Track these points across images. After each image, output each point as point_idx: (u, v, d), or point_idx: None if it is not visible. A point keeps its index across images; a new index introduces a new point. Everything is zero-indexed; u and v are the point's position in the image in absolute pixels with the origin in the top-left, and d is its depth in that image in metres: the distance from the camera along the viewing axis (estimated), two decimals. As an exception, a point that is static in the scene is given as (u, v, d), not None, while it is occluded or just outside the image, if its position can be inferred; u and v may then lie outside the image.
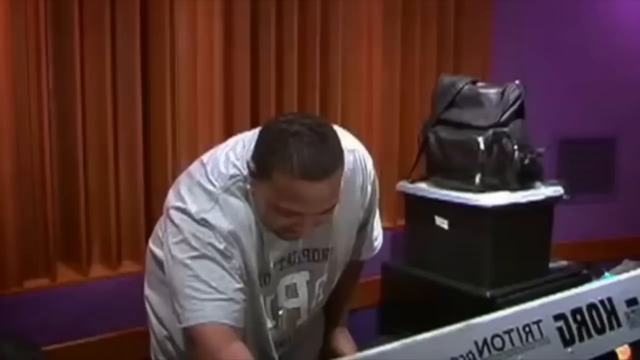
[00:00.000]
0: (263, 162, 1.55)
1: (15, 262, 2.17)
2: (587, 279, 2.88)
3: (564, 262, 2.83)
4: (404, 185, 2.86)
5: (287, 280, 1.76)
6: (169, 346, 1.86)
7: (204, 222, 1.58)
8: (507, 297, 2.55)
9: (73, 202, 2.31)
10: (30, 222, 2.21)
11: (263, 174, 1.55)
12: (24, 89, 2.15)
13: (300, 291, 1.79)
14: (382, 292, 3.00)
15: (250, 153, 1.61)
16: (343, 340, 2.04)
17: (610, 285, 1.40)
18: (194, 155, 2.42)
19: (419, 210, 2.81)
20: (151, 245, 1.89)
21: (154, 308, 1.89)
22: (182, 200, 1.63)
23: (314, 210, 1.56)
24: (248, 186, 1.62)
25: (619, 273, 3.31)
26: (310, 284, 1.80)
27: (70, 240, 2.33)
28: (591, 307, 1.34)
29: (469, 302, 2.59)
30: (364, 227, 1.93)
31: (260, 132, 1.60)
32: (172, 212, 1.63)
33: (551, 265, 2.79)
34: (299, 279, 1.78)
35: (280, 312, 1.77)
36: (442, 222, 2.69)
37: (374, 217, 1.96)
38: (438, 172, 2.74)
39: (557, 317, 1.29)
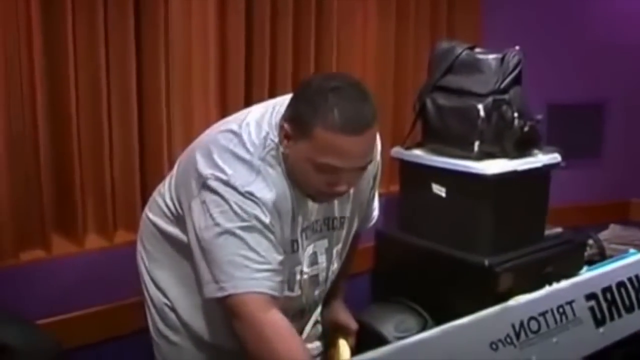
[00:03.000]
0: (303, 118, 1.55)
1: (10, 234, 2.13)
2: (583, 246, 2.91)
3: (558, 229, 2.83)
4: (399, 152, 2.83)
5: (310, 248, 1.77)
6: (171, 315, 1.83)
7: (249, 195, 1.57)
8: (505, 265, 2.55)
9: (67, 173, 2.26)
10: (24, 193, 2.15)
11: (303, 132, 1.55)
12: (15, 57, 2.08)
13: (320, 259, 1.81)
14: (375, 259, 2.99)
15: (278, 118, 1.62)
16: (342, 312, 2.06)
17: (636, 262, 1.40)
18: (188, 125, 2.42)
19: (415, 177, 2.78)
20: (150, 214, 1.86)
21: (153, 277, 1.86)
22: (221, 170, 1.60)
23: (352, 165, 1.58)
24: (282, 149, 1.61)
25: (607, 238, 3.37)
26: (328, 251, 1.82)
27: (65, 211, 2.28)
28: (620, 285, 1.34)
29: (466, 270, 2.59)
30: (369, 197, 1.94)
31: (297, 92, 1.62)
32: (213, 183, 1.59)
33: (546, 232, 2.78)
34: (320, 247, 1.80)
35: (304, 278, 1.78)
36: (440, 190, 2.66)
37: (376, 188, 1.98)
38: (435, 139, 2.71)
39: (589, 297, 1.29)
